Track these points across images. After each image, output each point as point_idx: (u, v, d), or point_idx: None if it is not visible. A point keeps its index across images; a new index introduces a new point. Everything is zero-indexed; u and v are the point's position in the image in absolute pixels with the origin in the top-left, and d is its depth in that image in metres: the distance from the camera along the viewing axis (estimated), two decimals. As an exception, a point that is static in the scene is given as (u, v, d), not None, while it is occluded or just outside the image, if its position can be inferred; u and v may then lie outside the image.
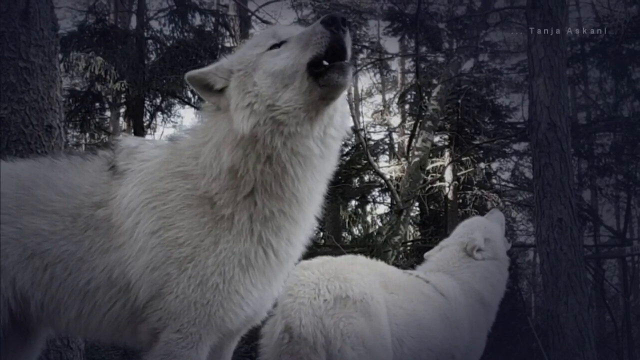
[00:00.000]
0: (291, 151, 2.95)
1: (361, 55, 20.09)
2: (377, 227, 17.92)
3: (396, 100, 20.18)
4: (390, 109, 21.91)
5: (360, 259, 5.07)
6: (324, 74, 2.87)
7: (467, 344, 5.13)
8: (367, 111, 26.28)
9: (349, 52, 2.94)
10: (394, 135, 20.55)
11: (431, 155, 16.29)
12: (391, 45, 30.49)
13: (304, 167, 2.99)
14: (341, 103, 3.13)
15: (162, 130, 21.35)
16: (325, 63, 2.89)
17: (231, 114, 3.02)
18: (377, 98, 26.83)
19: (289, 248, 3.17)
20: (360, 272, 4.60)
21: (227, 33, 15.83)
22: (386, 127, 21.17)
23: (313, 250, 4.00)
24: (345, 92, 3.12)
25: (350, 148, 16.85)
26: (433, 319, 4.92)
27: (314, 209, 3.21)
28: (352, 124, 12.98)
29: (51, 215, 3.20)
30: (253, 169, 2.98)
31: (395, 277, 5.01)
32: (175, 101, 15.35)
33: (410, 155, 14.72)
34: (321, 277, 4.45)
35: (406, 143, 17.09)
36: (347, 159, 16.80)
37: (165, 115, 15.73)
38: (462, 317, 5.14)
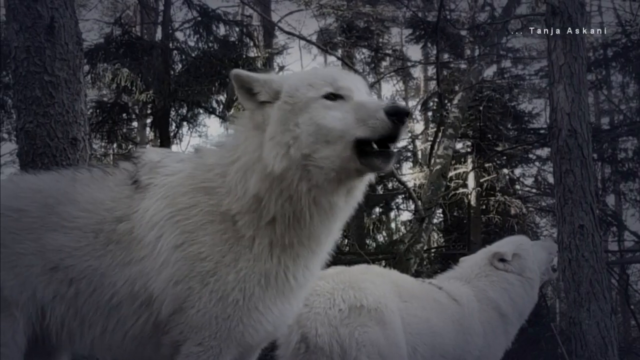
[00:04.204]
0: (313, 200, 2.98)
1: (384, 63, 20.16)
2: (401, 234, 17.90)
3: (419, 107, 20.17)
4: (414, 116, 21.90)
5: (374, 268, 5.15)
6: (369, 155, 2.89)
7: (480, 348, 5.17)
8: (390, 118, 26.27)
9: (400, 139, 2.96)
10: (417, 143, 20.55)
11: (454, 162, 16.21)
12: (414, 52, 30.55)
13: (323, 215, 3.05)
14: None
15: (189, 140, 21.59)
16: (374, 145, 2.89)
17: (265, 140, 3.04)
18: (401, 105, 26.71)
19: (306, 273, 3.21)
20: (374, 281, 4.67)
21: (251, 43, 15.88)
22: (409, 134, 21.17)
23: (337, 258, 4.04)
24: None
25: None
26: (446, 325, 4.97)
27: (332, 239, 3.26)
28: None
29: (74, 231, 3.20)
30: (275, 202, 3.02)
31: (409, 285, 5.08)
32: (201, 111, 15.42)
33: (431, 162, 14.69)
34: (336, 286, 4.52)
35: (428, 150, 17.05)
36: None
37: (191, 125, 15.77)
38: (475, 322, 5.19)
